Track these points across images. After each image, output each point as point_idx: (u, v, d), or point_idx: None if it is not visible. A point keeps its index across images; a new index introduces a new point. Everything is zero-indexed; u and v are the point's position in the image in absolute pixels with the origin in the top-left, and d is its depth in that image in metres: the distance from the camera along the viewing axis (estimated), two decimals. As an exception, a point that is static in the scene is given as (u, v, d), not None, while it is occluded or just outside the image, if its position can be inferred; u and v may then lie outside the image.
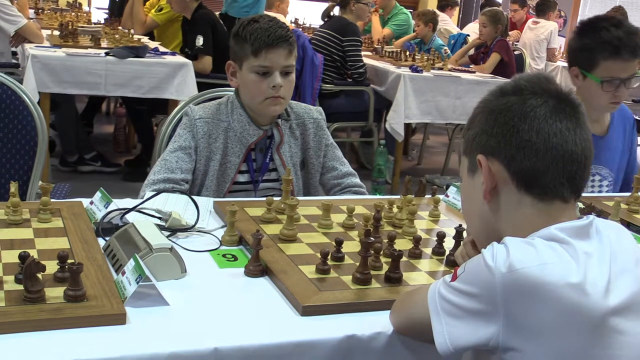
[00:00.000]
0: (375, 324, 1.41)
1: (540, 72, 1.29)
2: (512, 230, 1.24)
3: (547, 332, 1.11)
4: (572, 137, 1.22)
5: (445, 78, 5.59)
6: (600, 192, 2.67)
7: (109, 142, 6.15)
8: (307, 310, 1.42)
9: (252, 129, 2.26)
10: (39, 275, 1.32)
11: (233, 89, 2.36)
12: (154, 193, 1.88)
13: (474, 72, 6.06)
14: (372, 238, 1.55)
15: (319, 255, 1.65)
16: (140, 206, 1.79)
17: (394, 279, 1.56)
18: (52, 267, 1.38)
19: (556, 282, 1.10)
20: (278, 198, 1.96)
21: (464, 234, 1.70)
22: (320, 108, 2.44)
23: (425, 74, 5.56)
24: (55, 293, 1.34)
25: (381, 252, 1.63)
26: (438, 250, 1.75)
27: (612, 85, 2.43)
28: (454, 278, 1.20)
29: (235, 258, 1.67)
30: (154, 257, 1.49)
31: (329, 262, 1.59)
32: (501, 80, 5.74)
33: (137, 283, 1.38)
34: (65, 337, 1.25)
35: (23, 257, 1.36)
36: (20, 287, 1.33)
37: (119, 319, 1.31)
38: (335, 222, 1.88)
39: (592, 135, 2.66)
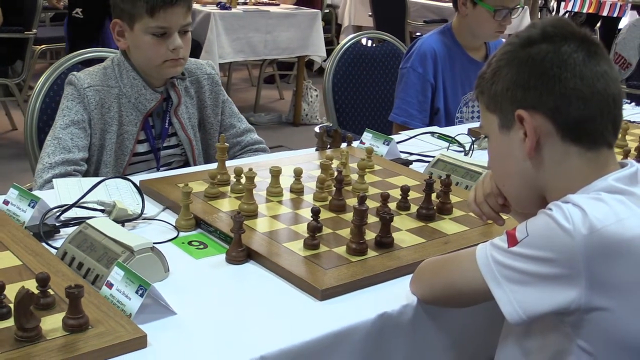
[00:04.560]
0: (399, 296, 1.33)
1: (559, 16, 1.22)
2: (561, 184, 1.19)
3: (634, 287, 1.09)
4: (611, 79, 1.19)
5: (254, 13, 5.44)
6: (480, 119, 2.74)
7: None
8: (326, 294, 1.31)
9: (148, 94, 2.02)
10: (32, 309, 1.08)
11: (107, 49, 2.10)
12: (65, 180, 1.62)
13: (278, 5, 5.95)
14: (366, 204, 1.45)
15: (294, 229, 1.54)
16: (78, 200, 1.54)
17: (386, 243, 1.48)
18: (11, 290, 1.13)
19: (635, 236, 1.08)
20: (184, 170, 1.78)
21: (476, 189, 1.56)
22: (211, 62, 2.24)
23: (234, 10, 5.37)
24: (48, 325, 1.11)
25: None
26: (404, 205, 1.69)
27: (502, 15, 2.51)
28: (514, 243, 1.14)
29: (204, 245, 1.50)
30: (136, 261, 1.29)
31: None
32: (307, 10, 5.70)
33: (142, 296, 1.18)
34: (88, 377, 1.05)
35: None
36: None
37: (140, 342, 1.11)
38: (282, 187, 1.74)
39: (476, 62, 2.71)
